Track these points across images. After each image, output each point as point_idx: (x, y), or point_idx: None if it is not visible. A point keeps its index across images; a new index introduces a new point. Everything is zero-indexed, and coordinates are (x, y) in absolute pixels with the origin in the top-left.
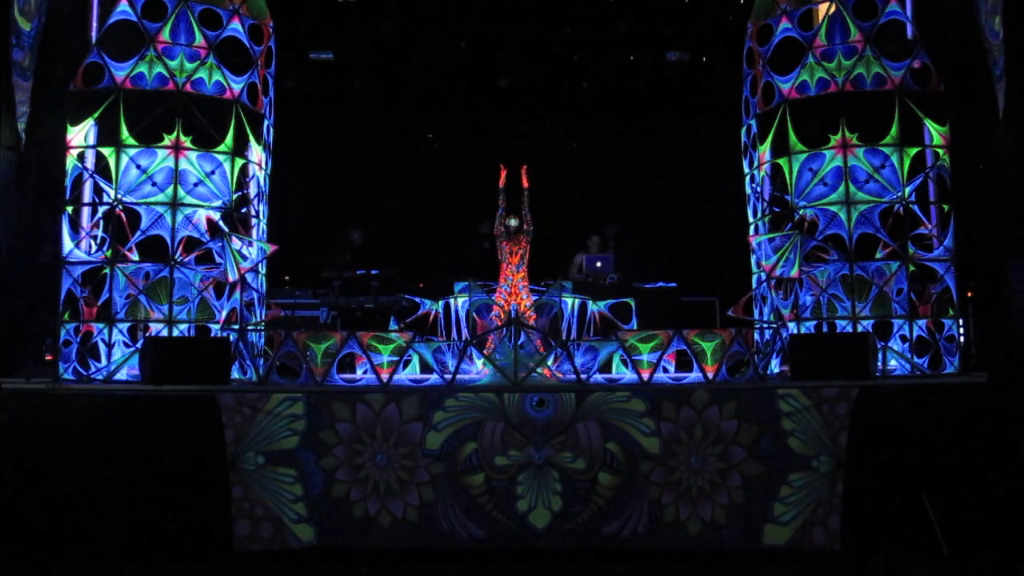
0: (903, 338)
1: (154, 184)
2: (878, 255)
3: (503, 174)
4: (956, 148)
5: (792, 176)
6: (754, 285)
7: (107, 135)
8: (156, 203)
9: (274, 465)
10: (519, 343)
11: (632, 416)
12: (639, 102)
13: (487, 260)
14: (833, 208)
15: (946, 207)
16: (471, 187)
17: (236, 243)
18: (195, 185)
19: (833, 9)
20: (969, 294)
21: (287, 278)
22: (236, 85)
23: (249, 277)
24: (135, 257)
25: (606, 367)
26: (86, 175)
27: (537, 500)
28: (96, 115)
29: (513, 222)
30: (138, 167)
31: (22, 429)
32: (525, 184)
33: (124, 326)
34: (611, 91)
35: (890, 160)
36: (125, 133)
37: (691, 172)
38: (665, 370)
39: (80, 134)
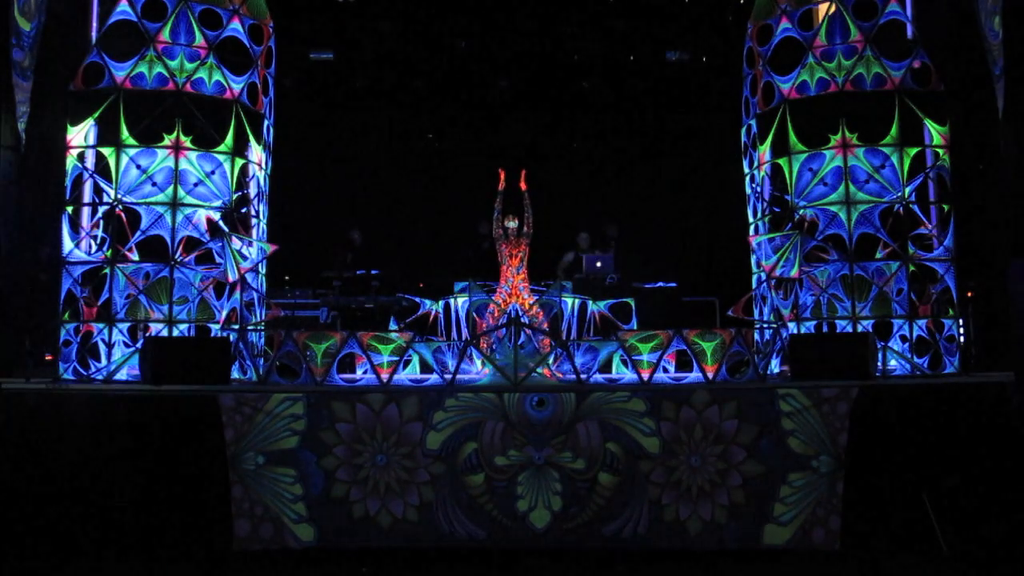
0: (903, 338)
1: (154, 184)
2: (878, 255)
3: (502, 177)
4: (956, 148)
5: (792, 176)
6: (754, 285)
7: (107, 135)
8: (156, 203)
9: (274, 465)
10: (519, 343)
11: (632, 416)
12: (639, 102)
13: (487, 260)
14: (833, 208)
15: (946, 207)
16: (471, 187)
17: (236, 243)
18: (195, 185)
19: (833, 9)
20: (969, 294)
21: (287, 278)
22: (236, 85)
23: (249, 277)
24: (135, 257)
25: (606, 367)
26: (86, 175)
27: (537, 500)
28: (96, 115)
29: (512, 224)
30: (138, 167)
31: (22, 429)
32: (523, 187)
33: (124, 326)
34: (611, 91)
35: (890, 160)
36: (125, 133)
37: (691, 172)
38: (665, 370)
39: (80, 134)
